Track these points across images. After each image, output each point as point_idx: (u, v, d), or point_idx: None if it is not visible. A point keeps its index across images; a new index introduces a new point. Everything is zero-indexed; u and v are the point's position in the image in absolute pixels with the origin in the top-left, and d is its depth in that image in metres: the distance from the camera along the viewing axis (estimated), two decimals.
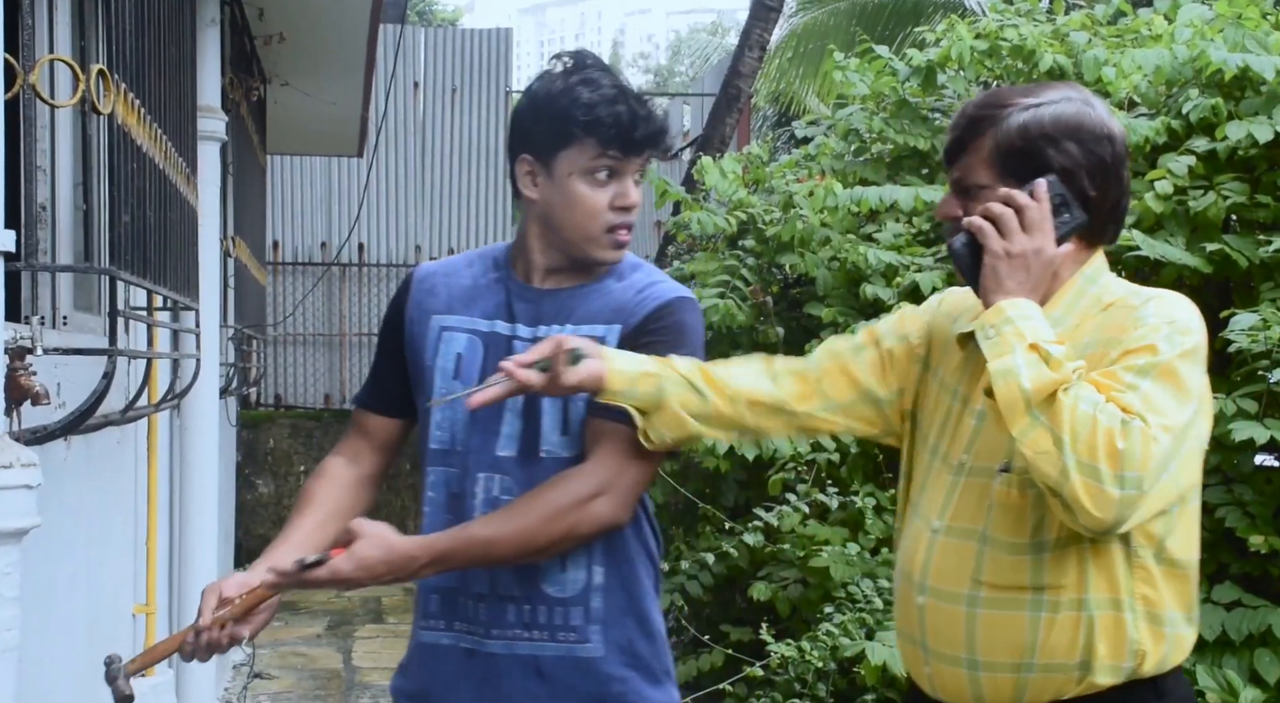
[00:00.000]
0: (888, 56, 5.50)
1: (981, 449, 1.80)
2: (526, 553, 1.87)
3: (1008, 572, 1.76)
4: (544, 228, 2.01)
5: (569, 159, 1.95)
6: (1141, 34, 4.97)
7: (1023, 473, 1.73)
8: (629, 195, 1.98)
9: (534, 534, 1.85)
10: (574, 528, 1.86)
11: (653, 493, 5.89)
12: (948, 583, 1.79)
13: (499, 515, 1.88)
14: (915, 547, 1.85)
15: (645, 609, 2.01)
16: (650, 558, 2.04)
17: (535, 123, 1.99)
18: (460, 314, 2.05)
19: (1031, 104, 1.78)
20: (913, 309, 2.01)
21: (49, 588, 2.51)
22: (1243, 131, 3.93)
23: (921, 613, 1.82)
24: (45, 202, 2.64)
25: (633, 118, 1.95)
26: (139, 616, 3.57)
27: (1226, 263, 3.93)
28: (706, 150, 8.93)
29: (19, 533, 1.67)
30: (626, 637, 1.98)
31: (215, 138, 4.33)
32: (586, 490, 1.87)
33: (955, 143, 1.82)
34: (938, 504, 1.83)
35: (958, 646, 1.79)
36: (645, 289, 2.01)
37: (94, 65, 2.42)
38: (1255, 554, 3.66)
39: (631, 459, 1.90)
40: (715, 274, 5.61)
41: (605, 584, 1.97)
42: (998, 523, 1.76)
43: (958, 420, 1.84)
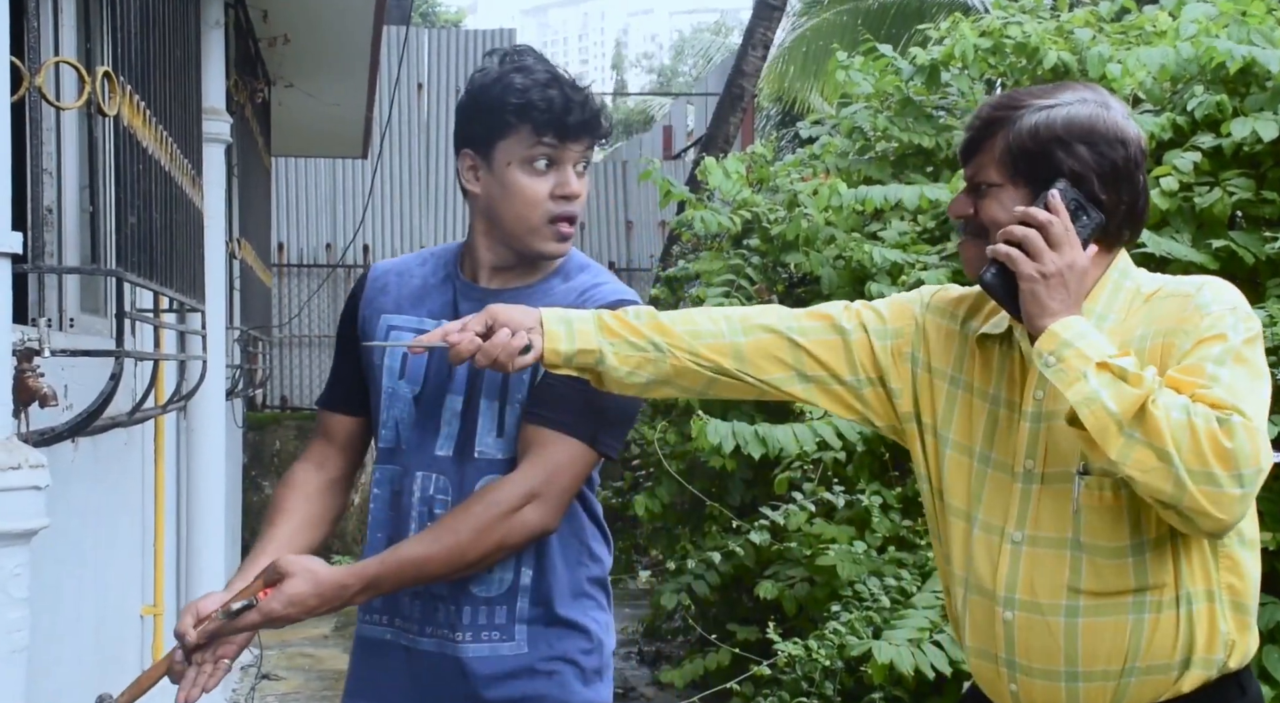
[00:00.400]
0: (891, 55, 5.50)
1: (1048, 454, 1.76)
2: (459, 568, 1.86)
3: (1110, 577, 1.72)
4: (488, 223, 1.99)
5: (506, 149, 1.93)
6: (1146, 31, 4.96)
7: (1104, 474, 1.70)
8: (569, 184, 1.95)
9: (465, 550, 1.84)
10: (505, 539, 1.86)
11: (659, 492, 5.93)
12: (1041, 595, 1.74)
13: (428, 534, 1.87)
14: (990, 560, 1.78)
15: (576, 609, 2.00)
16: (588, 559, 2.03)
17: (472, 115, 1.97)
18: (408, 314, 2.04)
19: (1045, 106, 1.76)
20: (900, 302, 1.94)
21: (57, 589, 2.51)
22: (1248, 128, 3.93)
23: (1009, 629, 1.76)
24: (52, 204, 2.64)
25: (566, 103, 1.92)
26: (147, 617, 3.57)
27: (1232, 259, 3.92)
28: (710, 150, 8.94)
29: (27, 534, 1.67)
30: (554, 636, 1.97)
31: (220, 140, 4.34)
32: (515, 500, 1.86)
33: (969, 142, 1.81)
34: (1009, 514, 1.77)
35: (1055, 659, 1.74)
36: (588, 291, 1.98)
37: (99, 67, 2.43)
38: (1265, 551, 3.65)
39: (561, 466, 1.88)
40: (720, 273, 5.62)
41: (533, 585, 1.96)
42: (1091, 528, 1.73)
43: (1008, 426, 1.79)
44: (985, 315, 1.85)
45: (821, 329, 1.89)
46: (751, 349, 1.87)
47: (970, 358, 1.85)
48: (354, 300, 2.12)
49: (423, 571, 1.84)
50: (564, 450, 1.89)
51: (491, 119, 1.93)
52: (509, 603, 1.96)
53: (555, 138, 1.92)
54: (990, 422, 1.81)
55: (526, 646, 1.96)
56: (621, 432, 1.98)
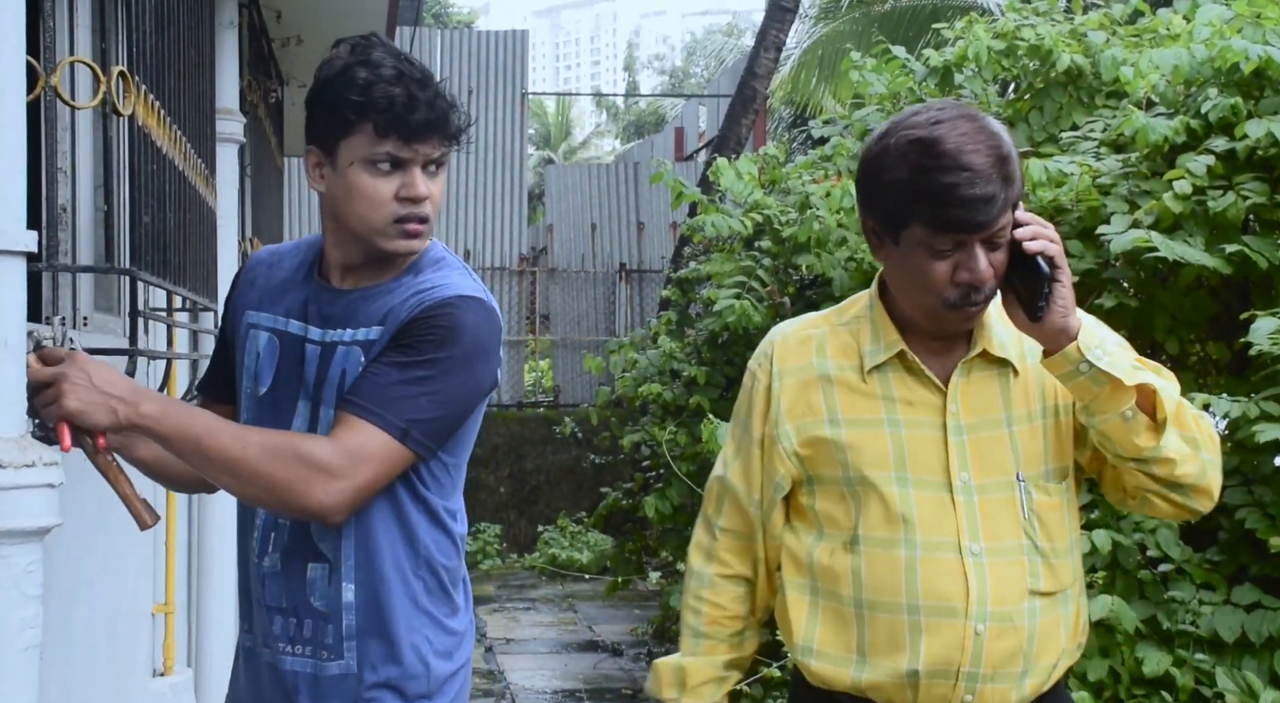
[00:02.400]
0: (904, 57, 5.49)
1: (980, 465, 1.80)
2: (228, 471, 1.75)
3: (1060, 575, 1.82)
4: (335, 222, 1.89)
5: (349, 147, 1.82)
6: (1160, 33, 4.94)
7: (1038, 478, 1.80)
8: (416, 186, 1.83)
9: (244, 456, 1.74)
10: (284, 481, 1.74)
11: (669, 494, 5.93)
12: (1009, 602, 1.77)
13: (233, 425, 1.79)
14: (952, 578, 1.77)
15: (402, 629, 1.88)
16: (425, 572, 1.91)
17: (317, 110, 1.85)
18: (266, 311, 1.97)
19: (1004, 137, 1.73)
20: (755, 401, 1.93)
21: (69, 587, 2.52)
22: (1262, 130, 3.91)
23: (980, 642, 1.76)
24: (66, 203, 2.65)
25: (410, 101, 1.79)
26: (158, 615, 3.58)
27: (1246, 264, 3.90)
28: (722, 151, 8.93)
29: (40, 532, 1.68)
30: (379, 657, 1.88)
31: (233, 140, 4.35)
32: (319, 460, 1.75)
33: (999, 211, 1.70)
34: (960, 528, 1.78)
35: (1016, 661, 1.78)
36: (425, 291, 1.86)
37: (115, 67, 2.44)
38: (1275, 556, 3.64)
39: (367, 457, 1.78)
40: (731, 275, 5.62)
41: (357, 602, 1.87)
42: (1046, 531, 1.81)
43: (920, 445, 1.81)
44: (841, 350, 1.87)
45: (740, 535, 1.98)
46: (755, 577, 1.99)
47: (845, 393, 1.85)
48: (231, 290, 2.04)
49: (200, 445, 1.74)
50: (373, 442, 1.78)
51: (333, 116, 1.82)
52: (337, 620, 1.87)
53: (399, 138, 1.80)
54: (895, 444, 1.81)
55: (355, 666, 1.88)
56: (442, 431, 1.85)
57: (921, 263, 1.73)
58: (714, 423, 4.46)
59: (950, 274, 1.72)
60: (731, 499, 1.97)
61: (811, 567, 1.87)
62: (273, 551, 1.93)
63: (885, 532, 1.80)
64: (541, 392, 12.37)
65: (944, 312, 1.77)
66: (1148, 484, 1.78)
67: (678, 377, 6.33)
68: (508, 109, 11.97)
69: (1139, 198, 4.12)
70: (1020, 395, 1.84)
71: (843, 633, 1.84)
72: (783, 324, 1.98)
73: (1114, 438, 1.75)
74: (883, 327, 1.84)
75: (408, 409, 1.80)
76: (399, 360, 1.82)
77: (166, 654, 3.57)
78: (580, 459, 10.20)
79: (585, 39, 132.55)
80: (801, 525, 1.90)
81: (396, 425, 1.79)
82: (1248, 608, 3.62)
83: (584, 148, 38.03)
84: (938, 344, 1.84)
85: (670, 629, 6.92)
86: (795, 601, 1.89)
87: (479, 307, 1.87)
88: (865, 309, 1.89)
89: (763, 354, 1.94)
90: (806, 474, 1.88)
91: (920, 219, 1.71)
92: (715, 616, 1.97)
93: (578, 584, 9.14)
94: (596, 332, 11.84)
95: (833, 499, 1.86)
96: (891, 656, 1.80)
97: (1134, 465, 1.77)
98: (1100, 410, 1.74)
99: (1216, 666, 3.52)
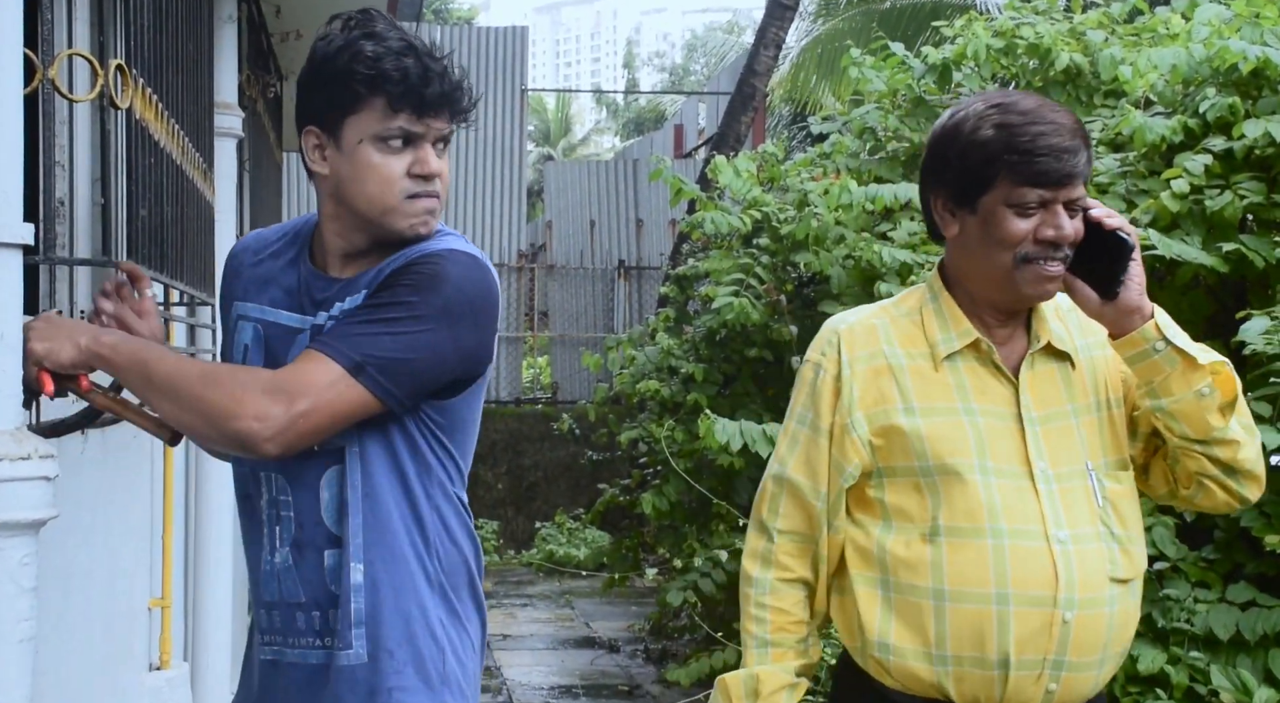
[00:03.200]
0: (903, 54, 5.49)
1: (1054, 455, 1.81)
2: (167, 396, 1.70)
3: (1137, 562, 1.85)
4: (338, 207, 1.80)
5: (356, 124, 1.74)
6: (1158, 33, 4.95)
7: (1105, 468, 1.84)
8: (429, 162, 1.75)
9: (184, 379, 1.69)
10: (217, 403, 1.67)
11: (666, 490, 5.94)
12: (1095, 589, 1.78)
13: (184, 357, 1.78)
14: (1041, 566, 1.76)
15: (417, 610, 1.81)
16: (433, 553, 1.83)
17: (318, 88, 1.77)
18: (252, 301, 1.89)
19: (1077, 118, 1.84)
20: (820, 392, 1.89)
21: (65, 580, 2.52)
22: (1260, 130, 3.92)
23: (1067, 630, 1.76)
24: (63, 196, 2.65)
25: (424, 73, 1.72)
26: (155, 609, 3.58)
27: (1243, 263, 3.91)
28: (721, 149, 8.94)
29: (35, 525, 1.68)
30: (394, 640, 1.80)
31: (232, 134, 4.34)
32: (257, 384, 1.68)
33: (1076, 169, 1.76)
34: (1044, 516, 1.78)
35: (1097, 649, 1.79)
36: (415, 250, 1.77)
37: (113, 60, 2.44)
38: (1271, 554, 3.65)
39: (315, 384, 1.68)
40: (730, 272, 5.62)
41: (366, 583, 1.78)
42: (1120, 518, 1.83)
43: (998, 434, 1.81)
44: (908, 340, 1.87)
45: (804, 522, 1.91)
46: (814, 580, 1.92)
47: (918, 382, 1.84)
48: (223, 284, 1.98)
49: (147, 373, 1.71)
50: (319, 370, 1.69)
51: (339, 92, 1.73)
52: (347, 605, 1.79)
53: (412, 111, 1.73)
54: (975, 433, 1.81)
55: (366, 654, 1.79)
56: (404, 376, 1.73)
57: (1003, 222, 1.76)
58: (711, 420, 4.46)
59: (1033, 232, 1.76)
60: (791, 496, 1.91)
61: (884, 560, 1.82)
62: (281, 545, 1.85)
63: (969, 521, 1.78)
64: (540, 388, 12.37)
65: (1016, 270, 1.77)
66: (1208, 469, 1.81)
67: (676, 374, 6.33)
68: (507, 105, 11.97)
69: (1137, 196, 4.13)
70: (1080, 388, 1.86)
71: (919, 628, 1.80)
72: (841, 314, 1.96)
73: (1185, 418, 1.78)
74: (952, 316, 1.85)
75: (365, 344, 1.70)
76: (370, 304, 1.74)
77: (163, 649, 3.57)
78: (578, 456, 10.20)
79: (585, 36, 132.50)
80: (867, 518, 1.86)
81: (349, 356, 1.70)
82: (1243, 606, 3.63)
83: (583, 145, 38.02)
84: (1001, 333, 1.85)
85: (667, 626, 6.92)
86: (866, 596, 1.84)
87: (469, 262, 1.77)
88: (927, 301, 1.89)
89: (827, 343, 1.90)
90: (877, 465, 1.84)
91: (1007, 174, 1.75)
92: (780, 622, 1.90)
93: (575, 581, 9.14)
94: (595, 328, 11.85)
95: (905, 491, 1.83)
96: (977, 647, 1.77)
97: (1198, 449, 1.80)
98: (1169, 391, 1.78)
99: (1211, 664, 3.52)
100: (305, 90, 1.80)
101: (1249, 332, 3.58)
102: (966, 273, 1.85)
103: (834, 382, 1.87)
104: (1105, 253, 1.76)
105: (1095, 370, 1.87)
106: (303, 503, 1.82)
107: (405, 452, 1.81)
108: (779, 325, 5.35)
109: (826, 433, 1.88)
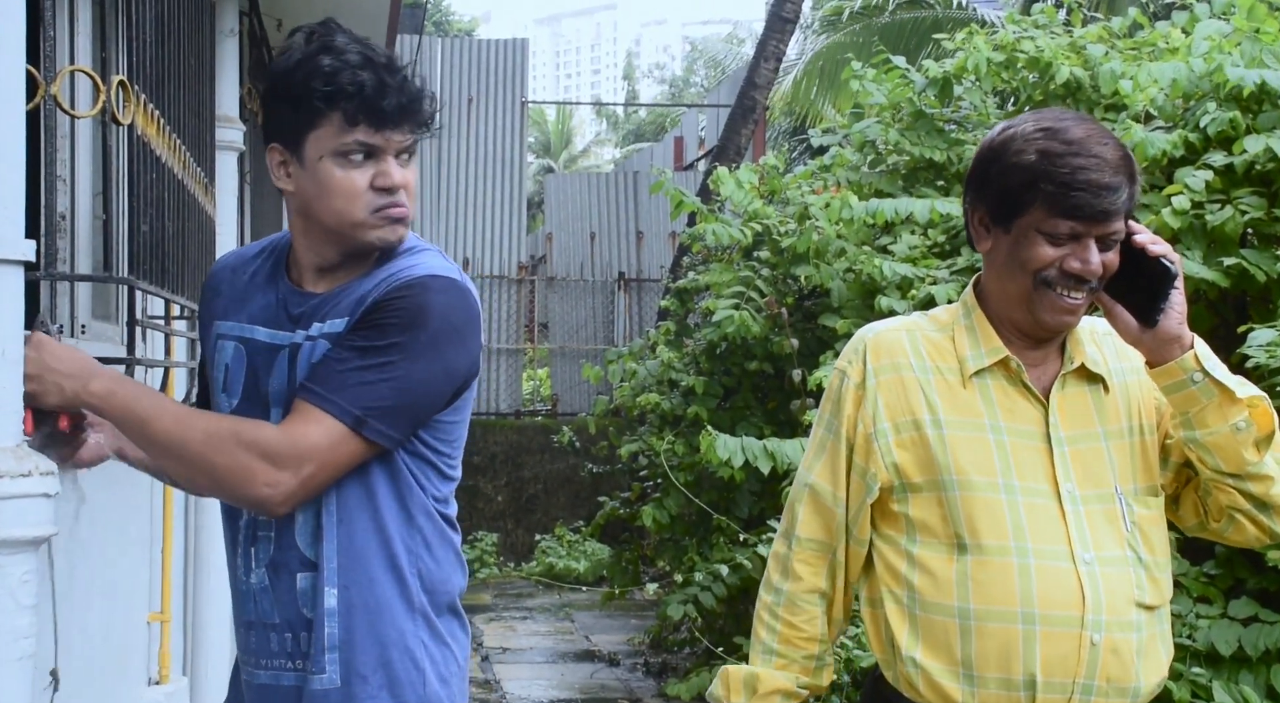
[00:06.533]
0: (904, 67, 5.50)
1: (1083, 476, 1.79)
2: (171, 456, 1.71)
3: (1164, 588, 1.82)
4: (307, 222, 1.80)
5: (317, 140, 1.73)
6: (1158, 47, 4.96)
7: (1134, 493, 1.81)
8: (391, 175, 1.75)
9: (187, 441, 1.68)
10: (226, 469, 1.68)
11: (667, 504, 5.93)
12: (1121, 613, 1.75)
13: (182, 407, 1.75)
14: (1067, 587, 1.73)
15: (395, 633, 1.80)
16: (412, 574, 1.82)
17: (278, 105, 1.77)
18: (232, 319, 1.88)
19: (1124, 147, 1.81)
20: (844, 400, 1.89)
21: (65, 596, 2.51)
22: (1260, 145, 3.92)
23: (1095, 653, 1.73)
24: (65, 211, 2.65)
25: (380, 86, 1.71)
26: (154, 624, 3.57)
27: (1244, 277, 3.91)
28: (722, 161, 8.95)
29: (36, 541, 1.68)
30: (368, 666, 1.78)
31: (233, 148, 4.35)
32: (263, 448, 1.68)
33: (1116, 206, 1.74)
34: (1071, 537, 1.76)
35: (1129, 676, 1.75)
36: (394, 274, 1.77)
37: (114, 76, 2.44)
38: (1272, 570, 3.64)
39: (316, 448, 1.70)
40: (730, 285, 5.62)
41: (340, 608, 1.78)
42: (1148, 543, 1.80)
43: (1025, 453, 1.79)
44: (938, 353, 1.85)
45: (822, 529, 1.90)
46: (831, 591, 1.91)
47: (946, 396, 1.83)
48: (200, 304, 1.98)
49: (145, 428, 1.70)
50: (321, 431, 1.70)
51: (297, 108, 1.73)
52: (320, 629, 1.78)
53: (370, 126, 1.72)
54: (1000, 452, 1.79)
55: (339, 678, 1.78)
56: (405, 420, 1.75)
57: (1032, 246, 1.75)
58: (712, 435, 4.46)
59: (1059, 260, 1.75)
60: (814, 502, 1.90)
61: (910, 578, 1.80)
62: (257, 566, 1.84)
63: (995, 539, 1.75)
64: (539, 400, 12.36)
65: (1035, 293, 1.76)
66: (1239, 503, 1.79)
67: (676, 387, 6.33)
68: (507, 117, 11.98)
69: (1138, 211, 4.12)
70: (1112, 412, 1.84)
71: (946, 647, 1.77)
72: (873, 324, 1.95)
73: (1220, 451, 1.75)
74: (984, 333, 1.84)
75: (364, 396, 1.71)
76: (360, 345, 1.74)
77: (162, 663, 3.57)
78: (578, 468, 10.18)
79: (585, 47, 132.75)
80: (894, 533, 1.84)
81: (350, 413, 1.70)
82: (1245, 622, 3.62)
83: (584, 156, 38.07)
84: (1034, 354, 1.84)
85: (667, 640, 6.91)
86: (895, 612, 1.82)
87: (449, 287, 1.78)
88: (961, 318, 1.88)
89: (854, 351, 1.90)
90: (899, 479, 1.82)
91: (1043, 202, 1.74)
92: (789, 635, 1.90)
93: (575, 594, 9.12)
94: (595, 341, 11.84)
95: (929, 506, 1.80)
96: (1004, 668, 1.73)
97: (1231, 483, 1.78)
98: (1204, 424, 1.75)
99: (1213, 679, 3.51)
100: (266, 107, 1.81)
101: (1254, 344, 3.57)
102: (992, 290, 1.85)
103: (857, 390, 1.87)
104: (1146, 279, 1.75)
105: (1129, 395, 1.85)
106: (280, 525, 1.82)
107: (381, 474, 1.80)
108: (780, 338, 5.35)
109: (846, 441, 1.87)
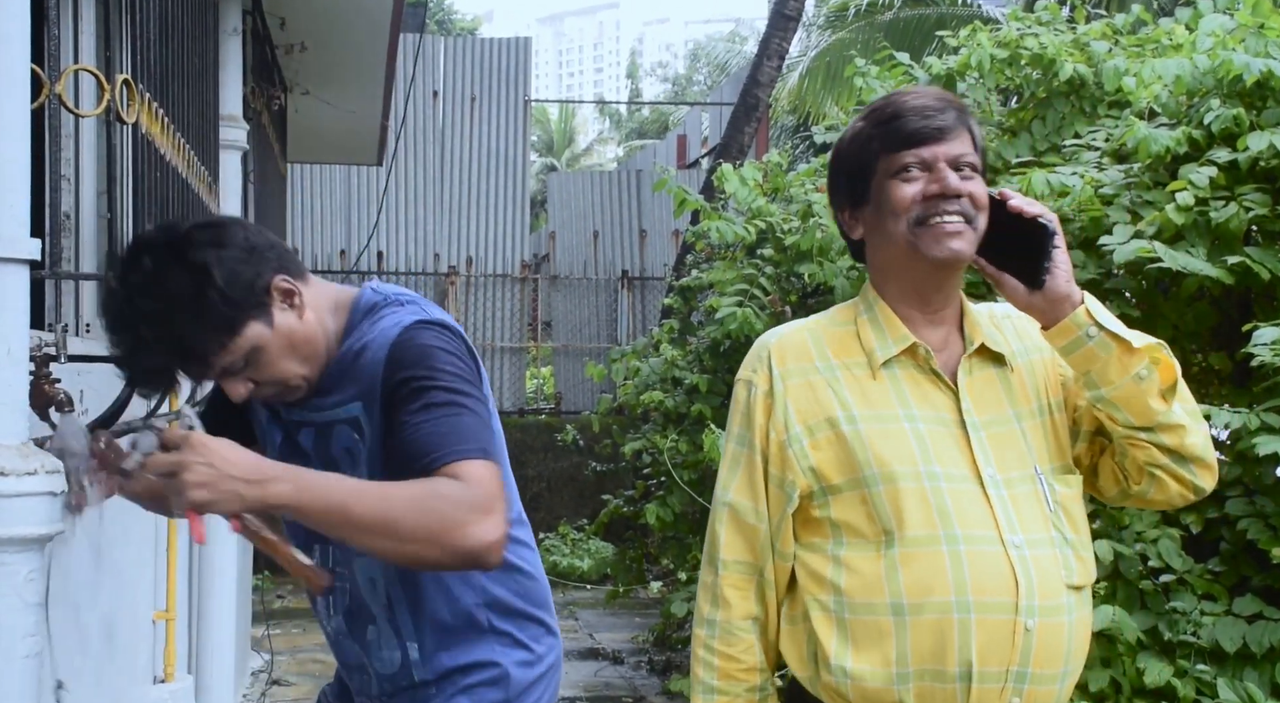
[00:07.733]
0: (907, 64, 5.49)
1: (1001, 459, 1.77)
2: (383, 534, 1.67)
3: (1089, 568, 1.81)
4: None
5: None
6: (1162, 43, 4.95)
7: (1053, 472, 1.80)
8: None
9: (396, 515, 1.66)
10: (442, 529, 1.67)
11: (670, 501, 5.93)
12: (1053, 596, 1.73)
13: (375, 483, 1.74)
14: (1000, 572, 1.71)
15: (474, 662, 1.96)
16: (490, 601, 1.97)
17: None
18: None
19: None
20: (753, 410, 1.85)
21: (70, 595, 2.52)
22: (1264, 142, 3.91)
23: (1029, 638, 1.70)
24: (69, 210, 2.66)
25: None
26: (159, 622, 3.58)
27: (1248, 274, 3.91)
28: (725, 158, 8.95)
29: (42, 540, 1.68)
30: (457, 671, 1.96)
31: (237, 146, 4.36)
32: (468, 500, 1.69)
33: (949, 123, 1.77)
34: (998, 521, 1.73)
35: (1059, 660, 1.73)
36: (366, 348, 1.85)
37: (119, 75, 2.44)
38: (1277, 567, 3.64)
39: (496, 489, 1.75)
40: (733, 283, 5.62)
41: (420, 659, 1.95)
42: (1072, 523, 1.80)
43: (942, 439, 1.77)
44: (843, 350, 1.83)
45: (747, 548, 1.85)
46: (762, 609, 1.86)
47: (857, 391, 1.80)
48: None
49: (348, 512, 1.66)
50: (480, 472, 1.74)
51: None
52: (409, 677, 1.96)
53: None
54: (919, 440, 1.77)
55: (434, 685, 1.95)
56: (488, 436, 1.84)
57: (893, 193, 1.76)
58: (715, 431, 4.46)
59: (921, 194, 1.74)
60: (735, 521, 1.85)
61: (837, 582, 1.76)
62: (335, 612, 2.00)
63: (923, 529, 1.72)
64: (543, 399, 12.37)
65: (915, 238, 1.74)
66: (1157, 458, 1.78)
67: (679, 385, 6.33)
68: (510, 116, 11.98)
69: (1141, 208, 4.12)
70: (1021, 394, 1.83)
71: (878, 647, 1.73)
72: (772, 330, 1.92)
73: (1127, 405, 1.74)
74: (888, 323, 1.82)
75: (466, 434, 1.77)
76: (419, 404, 1.78)
77: (167, 661, 3.57)
78: (581, 467, 10.19)
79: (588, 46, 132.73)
80: (817, 540, 1.80)
81: (480, 449, 1.77)
82: (1249, 619, 3.62)
83: (587, 155, 38.07)
84: (935, 335, 1.81)
85: (671, 637, 6.91)
86: (822, 620, 1.77)
87: (428, 326, 1.86)
88: (863, 312, 1.85)
89: (757, 359, 1.86)
90: (819, 483, 1.78)
91: (881, 149, 1.77)
92: (728, 669, 1.83)
93: (579, 592, 9.13)
94: (598, 339, 11.85)
95: (851, 505, 1.76)
96: (939, 660, 1.70)
97: (1144, 437, 1.76)
98: (1107, 379, 1.74)
99: (1218, 676, 3.51)
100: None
101: (1259, 342, 3.57)
102: (882, 268, 1.83)
103: (765, 398, 1.83)
104: (1027, 242, 1.74)
105: (1035, 375, 1.84)
106: (353, 577, 1.95)
107: None
108: None
109: (761, 452, 1.83)
